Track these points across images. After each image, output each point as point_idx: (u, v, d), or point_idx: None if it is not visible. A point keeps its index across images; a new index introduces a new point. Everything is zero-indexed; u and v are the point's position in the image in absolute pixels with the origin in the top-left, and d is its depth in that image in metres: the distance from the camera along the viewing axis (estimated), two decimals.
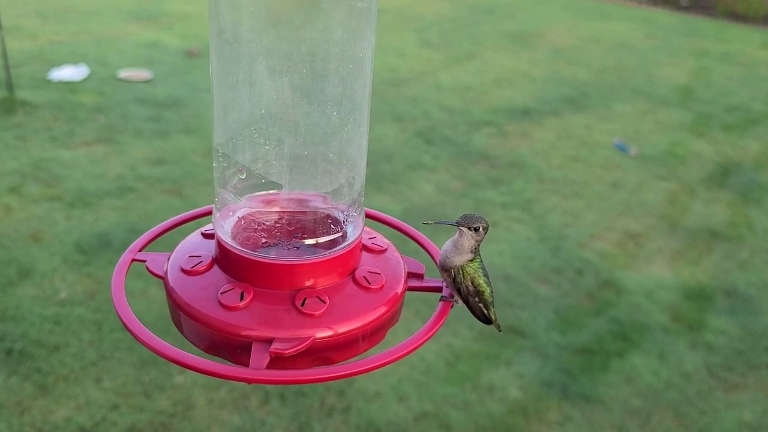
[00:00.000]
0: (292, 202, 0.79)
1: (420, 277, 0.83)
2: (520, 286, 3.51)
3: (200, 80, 6.24)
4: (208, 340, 0.70)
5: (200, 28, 8.05)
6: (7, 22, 6.05)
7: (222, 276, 0.74)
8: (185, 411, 2.57)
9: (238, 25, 0.73)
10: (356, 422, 2.58)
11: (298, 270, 0.73)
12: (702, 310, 3.47)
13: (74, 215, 3.82)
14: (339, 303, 0.72)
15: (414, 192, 4.48)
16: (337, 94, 0.74)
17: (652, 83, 7.38)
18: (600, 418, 2.72)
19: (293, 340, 0.66)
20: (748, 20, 10.89)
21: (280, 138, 0.76)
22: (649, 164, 5.24)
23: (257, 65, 0.72)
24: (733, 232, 4.30)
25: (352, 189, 0.79)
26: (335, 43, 0.73)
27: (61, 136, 4.86)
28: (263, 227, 0.77)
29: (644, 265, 3.85)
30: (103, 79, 6.08)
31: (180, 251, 0.79)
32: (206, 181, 4.34)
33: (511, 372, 2.92)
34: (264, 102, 0.75)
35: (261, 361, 0.64)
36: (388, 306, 0.74)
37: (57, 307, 3.06)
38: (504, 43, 8.62)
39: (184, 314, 0.71)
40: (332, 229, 0.78)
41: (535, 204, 4.45)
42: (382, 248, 0.83)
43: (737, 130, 6.17)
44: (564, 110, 6.30)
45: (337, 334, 0.69)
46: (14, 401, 2.55)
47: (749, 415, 2.81)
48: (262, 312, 0.70)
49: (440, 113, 5.97)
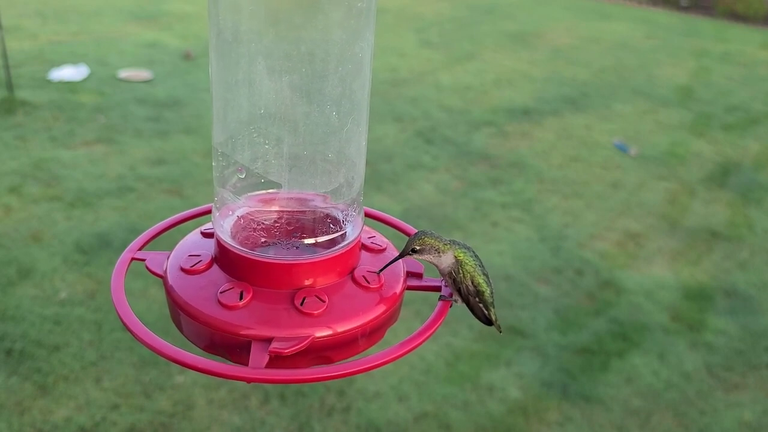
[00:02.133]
0: (291, 201, 0.79)
1: (419, 276, 0.83)
2: (520, 286, 3.51)
3: (200, 80, 6.24)
4: (208, 339, 0.70)
5: (200, 28, 8.05)
6: (7, 22, 6.05)
7: (221, 275, 0.74)
8: (185, 411, 2.57)
9: (238, 25, 0.73)
10: (356, 422, 2.58)
11: (297, 269, 0.73)
12: (702, 310, 3.47)
13: (74, 215, 3.82)
14: (338, 302, 0.72)
15: (414, 192, 4.48)
16: (337, 93, 0.74)
17: (652, 83, 7.38)
18: (600, 418, 2.72)
19: (292, 340, 0.66)
20: (748, 20, 10.89)
21: (279, 137, 0.76)
22: (649, 164, 5.24)
23: (257, 65, 0.72)
24: (733, 232, 4.30)
25: (352, 188, 0.79)
26: (334, 43, 0.73)
27: (61, 136, 4.86)
28: (262, 226, 0.77)
29: (644, 265, 3.85)
30: (103, 79, 6.08)
31: (179, 250, 0.79)
32: (206, 181, 4.34)
33: (511, 372, 2.92)
34: (263, 102, 0.75)
35: (260, 361, 0.64)
36: (388, 305, 0.74)
37: (57, 307, 3.06)
38: (504, 43, 8.62)
39: (183, 313, 0.71)
40: (331, 229, 0.78)
41: (535, 204, 4.45)
42: (381, 247, 0.83)
43: (737, 130, 6.17)
44: (564, 110, 6.31)
45: (336, 334, 0.69)
46: (14, 401, 2.55)
47: (749, 415, 2.81)
48: (261, 311, 0.70)
49: (440, 113, 5.97)
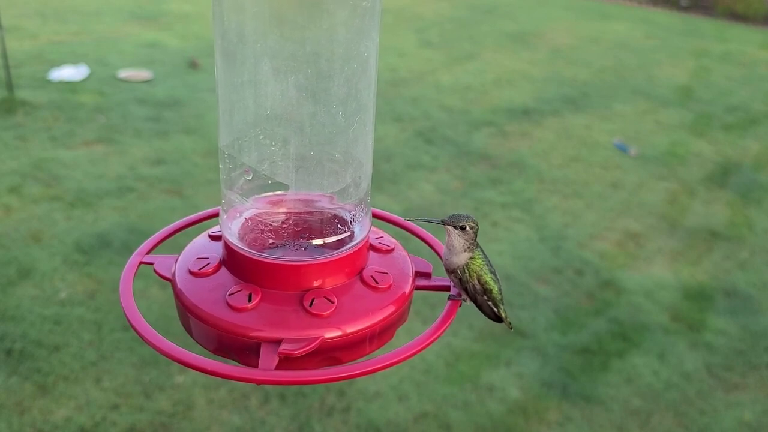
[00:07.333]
0: (298, 202, 0.79)
1: (428, 276, 0.83)
2: (520, 286, 3.51)
3: (200, 80, 6.23)
4: (217, 341, 0.70)
5: (200, 28, 8.05)
6: (7, 22, 6.04)
7: (230, 277, 0.74)
8: (185, 411, 2.57)
9: (243, 26, 0.72)
10: (356, 422, 2.58)
11: (305, 270, 0.73)
12: (702, 310, 3.47)
13: (74, 215, 3.82)
14: (347, 303, 0.72)
15: (414, 192, 4.48)
16: (343, 94, 0.74)
17: (652, 83, 7.39)
18: (600, 418, 2.72)
19: (302, 341, 0.66)
20: (748, 20, 10.90)
21: (285, 138, 0.76)
22: (649, 164, 5.24)
23: (262, 66, 0.72)
24: (733, 232, 4.31)
25: (359, 189, 0.79)
26: (340, 43, 0.73)
27: (61, 136, 4.86)
28: (270, 228, 0.77)
29: (644, 265, 3.85)
30: (103, 79, 6.08)
31: (187, 253, 0.79)
32: (206, 181, 4.34)
33: (511, 372, 2.92)
34: (269, 103, 0.74)
35: (270, 362, 0.64)
36: (397, 305, 0.74)
37: (57, 307, 3.06)
38: (504, 43, 8.62)
39: (192, 316, 0.71)
40: (339, 229, 0.78)
41: (535, 204, 4.45)
42: (389, 248, 0.83)
43: (737, 130, 6.18)
44: (564, 110, 6.31)
45: (345, 335, 0.69)
46: (14, 401, 2.55)
47: (749, 415, 2.81)
48: (270, 313, 0.70)
49: (440, 113, 5.98)
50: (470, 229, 0.78)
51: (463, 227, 0.78)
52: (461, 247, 0.79)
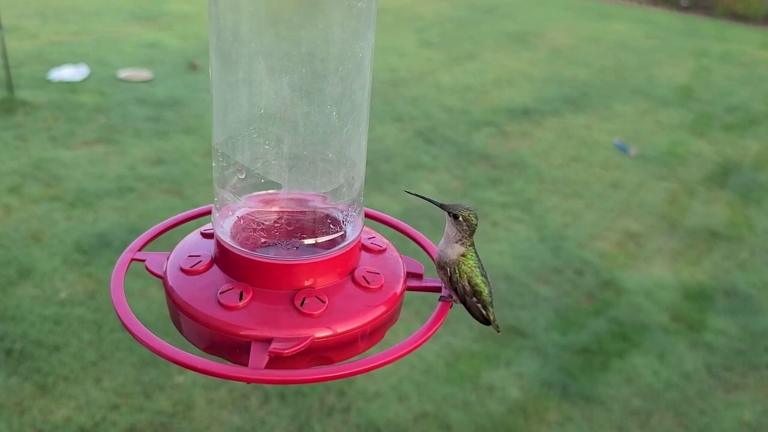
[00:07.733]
0: (291, 201, 0.79)
1: (419, 277, 0.83)
2: (520, 286, 3.51)
3: (200, 80, 6.24)
4: (208, 339, 0.70)
5: (200, 28, 8.05)
6: (7, 22, 6.05)
7: (221, 276, 0.74)
8: (185, 411, 2.57)
9: (238, 25, 0.73)
10: (356, 422, 2.58)
11: (297, 270, 0.73)
12: (702, 310, 3.47)
13: (74, 215, 3.82)
14: (338, 303, 0.72)
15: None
16: (337, 94, 0.74)
17: (652, 83, 7.38)
18: (600, 418, 2.72)
19: (292, 340, 0.66)
20: (748, 20, 10.89)
21: (279, 138, 0.76)
22: (649, 164, 5.24)
23: (257, 65, 0.72)
24: (733, 232, 4.30)
25: (352, 189, 0.79)
26: (335, 43, 0.73)
27: (61, 136, 4.86)
28: (262, 227, 0.77)
29: (644, 265, 3.84)
30: (103, 79, 6.08)
31: (179, 251, 0.79)
32: (206, 181, 4.34)
33: (511, 372, 2.92)
34: (263, 102, 0.75)
35: (260, 361, 0.64)
36: (387, 306, 0.74)
37: (57, 307, 3.06)
38: (504, 43, 8.62)
39: (183, 314, 0.71)
40: (331, 229, 0.78)
41: (535, 204, 4.45)
42: (381, 248, 0.83)
43: (737, 130, 6.17)
44: (564, 110, 6.30)
45: (336, 334, 0.69)
46: (14, 401, 2.55)
47: (749, 415, 2.81)
48: (261, 312, 0.70)
49: (440, 113, 5.97)
50: (463, 220, 0.78)
51: (456, 216, 0.78)
52: (453, 237, 0.79)
